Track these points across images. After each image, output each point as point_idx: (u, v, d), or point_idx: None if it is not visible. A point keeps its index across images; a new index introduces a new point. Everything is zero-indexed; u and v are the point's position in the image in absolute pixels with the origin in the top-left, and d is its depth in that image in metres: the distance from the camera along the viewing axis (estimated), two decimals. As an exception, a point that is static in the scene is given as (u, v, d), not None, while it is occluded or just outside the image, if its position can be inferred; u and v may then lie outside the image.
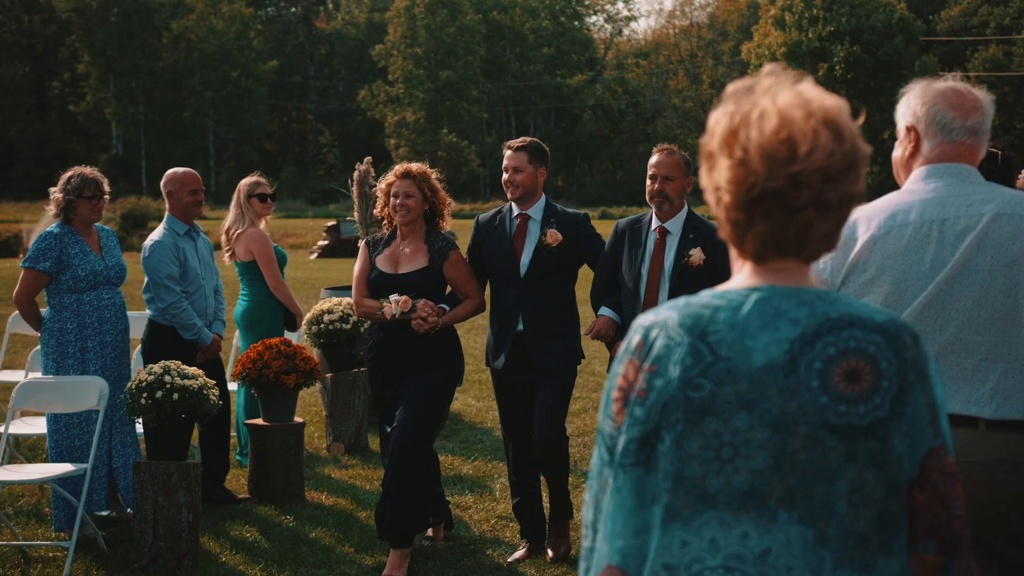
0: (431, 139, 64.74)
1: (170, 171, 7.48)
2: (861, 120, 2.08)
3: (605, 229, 6.55)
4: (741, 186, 2.02)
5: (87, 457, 6.59)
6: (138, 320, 7.75)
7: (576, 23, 79.07)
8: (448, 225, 6.46)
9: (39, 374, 7.58)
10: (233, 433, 8.33)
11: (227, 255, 8.08)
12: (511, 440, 6.56)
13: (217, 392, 6.42)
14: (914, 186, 3.44)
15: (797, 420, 1.99)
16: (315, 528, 6.95)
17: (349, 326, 8.61)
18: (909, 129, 3.48)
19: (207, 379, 6.38)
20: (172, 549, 6.16)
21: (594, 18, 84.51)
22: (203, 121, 69.03)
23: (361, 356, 9.17)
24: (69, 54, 70.47)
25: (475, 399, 10.87)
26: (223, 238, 8.06)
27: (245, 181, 8.04)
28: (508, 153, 6.46)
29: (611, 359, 6.25)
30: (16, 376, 8.56)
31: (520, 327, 6.37)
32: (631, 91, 75.02)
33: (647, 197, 6.07)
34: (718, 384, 2.02)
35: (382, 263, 6.33)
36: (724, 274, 2.26)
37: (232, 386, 8.07)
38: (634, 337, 2.11)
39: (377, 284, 6.29)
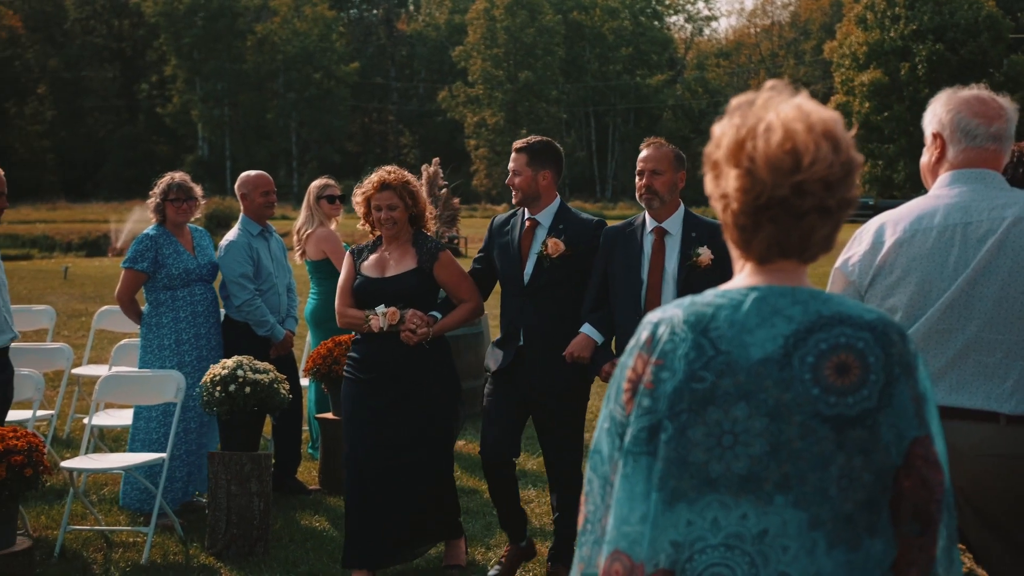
0: (510, 140, 64.79)
1: (243, 174, 7.79)
2: (853, 132, 2.24)
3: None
4: (748, 194, 2.17)
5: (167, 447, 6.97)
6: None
7: (656, 23, 78.83)
8: (432, 228, 6.18)
9: (123, 368, 7.94)
10: (305, 427, 8.61)
11: (298, 254, 8.36)
12: (482, 456, 6.06)
13: (287, 386, 6.67)
14: (939, 191, 3.58)
15: (791, 410, 2.15)
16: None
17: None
18: (935, 136, 3.62)
19: (278, 374, 6.64)
20: (245, 536, 6.43)
21: (674, 18, 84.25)
22: (286, 123, 70.03)
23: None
24: (157, 57, 71.95)
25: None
26: (294, 238, 8.33)
27: (315, 183, 8.31)
28: (512, 154, 6.03)
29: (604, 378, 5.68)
30: (101, 370, 8.93)
31: (521, 341, 5.90)
32: (711, 91, 74.62)
33: (636, 195, 5.65)
34: (719, 376, 2.19)
35: (368, 269, 5.98)
36: (730, 276, 2.40)
37: (304, 381, 8.33)
38: (643, 333, 2.29)
39: (363, 290, 5.92)
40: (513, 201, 6.01)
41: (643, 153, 5.62)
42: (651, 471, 2.22)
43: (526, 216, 5.99)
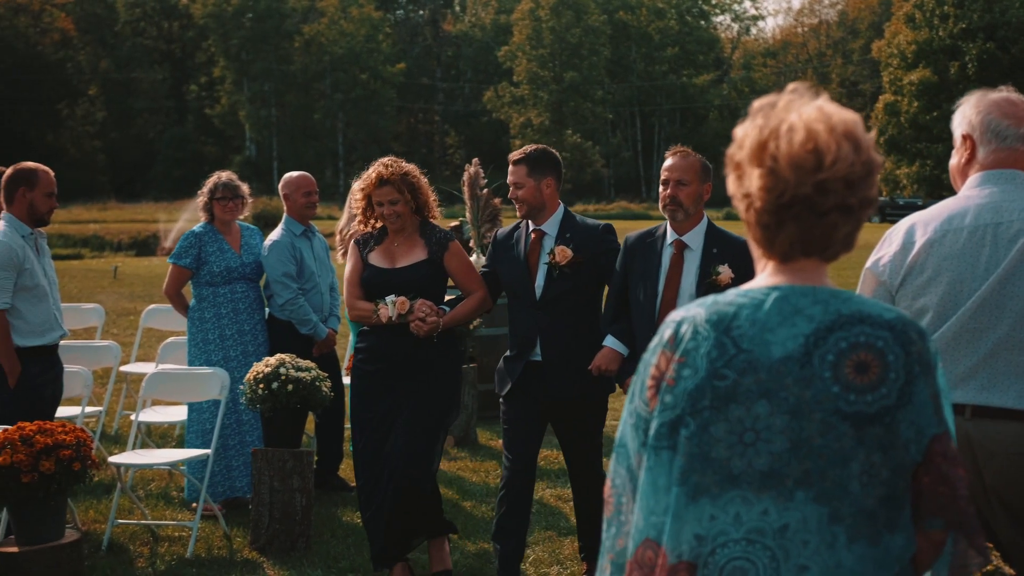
0: (555, 140, 65.07)
1: (286, 175, 7.91)
2: (873, 134, 2.28)
3: (736, 230, 5.95)
4: (772, 192, 2.22)
5: (224, 443, 7.17)
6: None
7: (702, 22, 78.59)
8: (438, 214, 6.01)
9: (169, 365, 8.09)
10: (347, 424, 8.70)
11: (340, 254, 8.45)
12: (507, 478, 5.81)
13: (329, 384, 6.76)
14: (969, 192, 3.60)
15: (812, 408, 2.19)
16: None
17: (461, 324, 8.86)
18: (965, 137, 3.64)
19: (320, 372, 6.74)
20: (287, 531, 6.53)
21: (721, 17, 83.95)
22: (333, 123, 70.46)
23: (472, 352, 9.46)
24: (206, 59, 72.66)
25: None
26: (336, 237, 8.42)
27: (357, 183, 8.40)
28: (509, 167, 5.78)
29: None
30: (149, 368, 9.07)
31: (538, 356, 5.68)
32: (758, 91, 74.14)
33: (660, 205, 5.39)
34: (740, 374, 2.23)
35: (376, 260, 5.86)
36: None
37: (346, 380, 8.41)
38: (666, 331, 2.34)
39: (372, 281, 5.80)
40: (518, 214, 5.80)
41: (668, 162, 5.34)
42: (672, 465, 2.27)
43: (531, 228, 5.78)
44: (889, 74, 58.34)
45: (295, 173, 7.88)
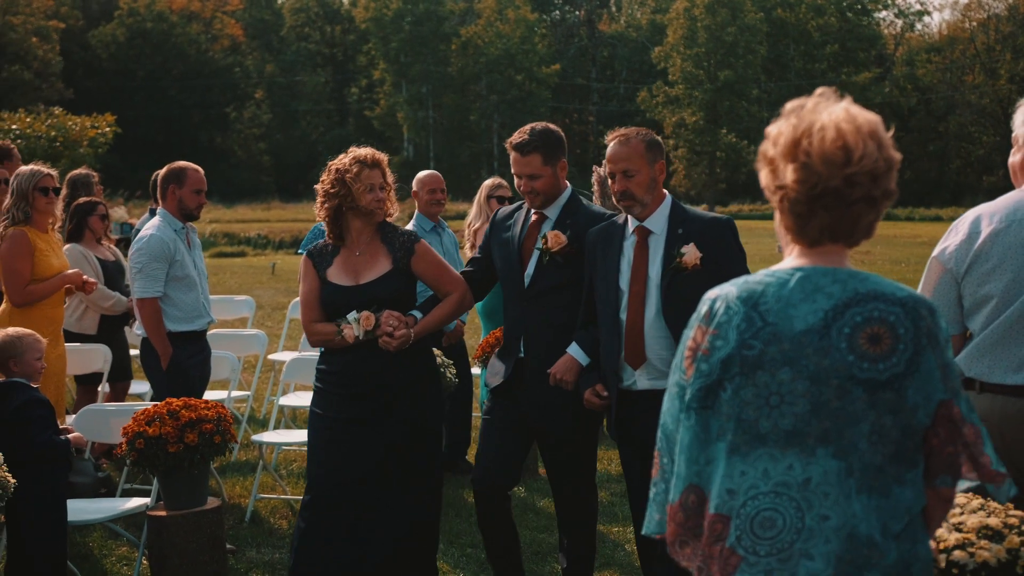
0: (710, 139, 64.69)
1: (419, 173, 8.32)
2: (891, 133, 2.52)
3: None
4: (805, 184, 2.49)
5: None
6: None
7: (864, 19, 76.85)
8: (396, 211, 5.30)
9: (309, 352, 8.58)
10: (476, 413, 9.05)
11: (468, 247, 8.81)
12: (472, 483, 5.28)
13: (454, 371, 7.09)
14: (1033, 185, 3.74)
15: (829, 374, 2.46)
16: (543, 499, 7.56)
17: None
18: (1029, 136, 3.78)
19: (445, 359, 7.08)
20: (414, 509, 6.89)
21: (883, 13, 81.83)
22: (488, 124, 71.26)
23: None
24: (366, 62, 74.37)
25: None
26: (466, 231, 8.79)
27: (487, 183, 8.67)
28: (514, 156, 5.09)
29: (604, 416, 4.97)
30: (294, 356, 9.62)
31: (521, 352, 5.09)
32: (921, 88, 72.32)
33: (614, 201, 4.75)
34: (766, 344, 2.51)
35: (336, 275, 5.19)
36: (725, 275, 2.64)
37: (475, 369, 8.76)
38: (702, 307, 2.64)
39: (334, 301, 5.13)
40: (532, 207, 5.15)
41: (609, 150, 4.75)
42: (708, 423, 2.56)
43: (533, 210, 5.18)
44: (1060, 69, 56.20)
45: (425, 172, 8.26)
